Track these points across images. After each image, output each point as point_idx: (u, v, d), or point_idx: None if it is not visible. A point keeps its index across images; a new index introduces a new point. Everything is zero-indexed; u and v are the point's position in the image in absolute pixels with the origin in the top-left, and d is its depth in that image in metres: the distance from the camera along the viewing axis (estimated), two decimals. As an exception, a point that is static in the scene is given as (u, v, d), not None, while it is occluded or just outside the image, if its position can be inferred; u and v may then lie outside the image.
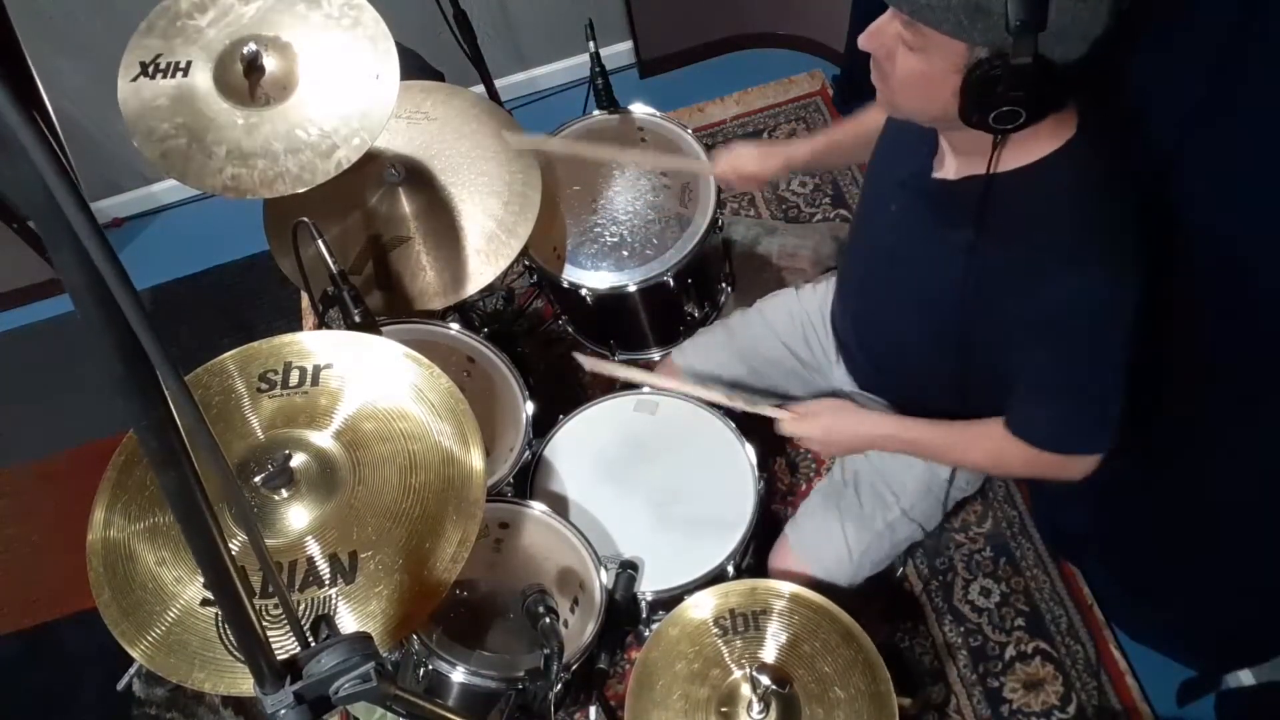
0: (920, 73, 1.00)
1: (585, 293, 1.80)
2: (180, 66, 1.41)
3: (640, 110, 1.96)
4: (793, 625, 1.33)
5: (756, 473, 1.55)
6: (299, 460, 1.09)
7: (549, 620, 1.25)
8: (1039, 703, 1.80)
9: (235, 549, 0.98)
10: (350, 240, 1.68)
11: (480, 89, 2.21)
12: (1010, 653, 1.86)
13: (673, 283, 1.79)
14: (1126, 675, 1.81)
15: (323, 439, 1.13)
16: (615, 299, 1.82)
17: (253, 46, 1.40)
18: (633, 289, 1.79)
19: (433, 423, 1.15)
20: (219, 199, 1.37)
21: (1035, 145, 1.05)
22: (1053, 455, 1.21)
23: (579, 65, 2.85)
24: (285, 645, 0.76)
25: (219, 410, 1.17)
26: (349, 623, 0.99)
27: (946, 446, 1.34)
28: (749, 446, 1.59)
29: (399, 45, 1.45)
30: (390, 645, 1.11)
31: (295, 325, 2.56)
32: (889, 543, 1.51)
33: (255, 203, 1.56)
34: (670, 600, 1.45)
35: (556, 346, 2.31)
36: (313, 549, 1.04)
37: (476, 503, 1.10)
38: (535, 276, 2.00)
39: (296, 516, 1.06)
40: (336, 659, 0.69)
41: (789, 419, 1.41)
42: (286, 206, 1.57)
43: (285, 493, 1.07)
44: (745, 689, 1.25)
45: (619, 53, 2.89)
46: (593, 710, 1.61)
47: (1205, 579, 1.55)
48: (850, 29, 1.42)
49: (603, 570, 1.43)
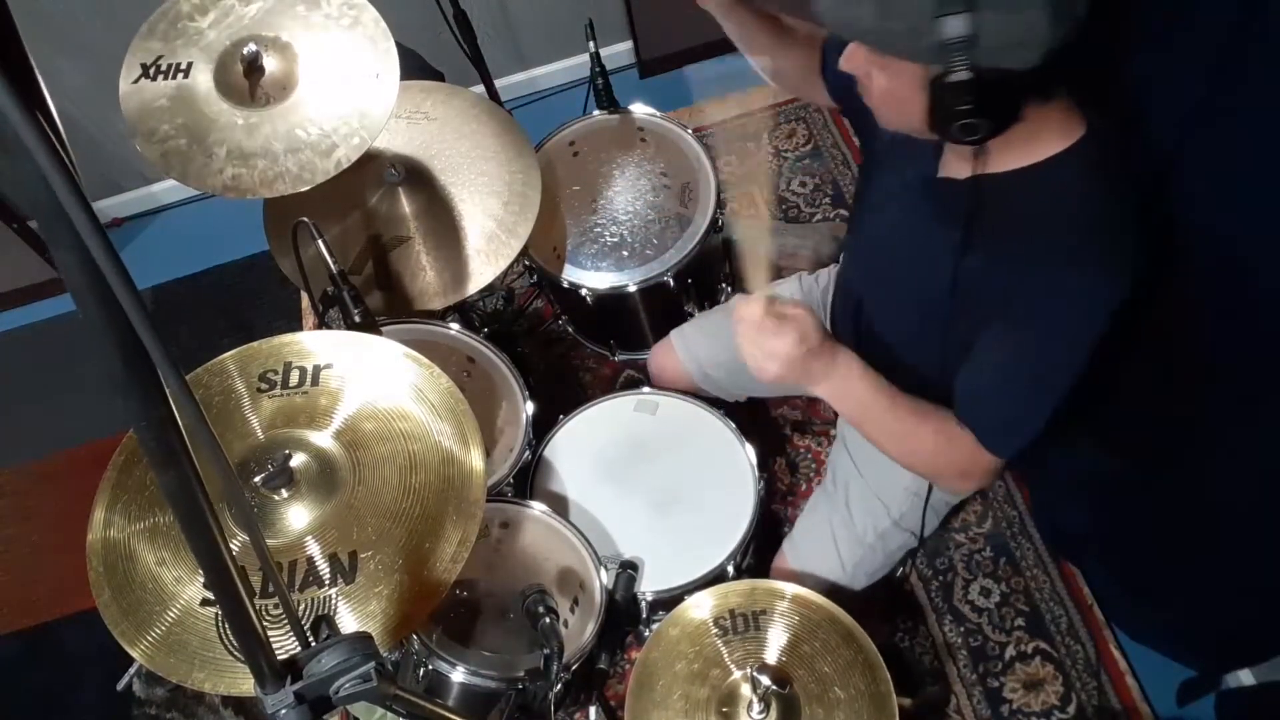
0: (891, 91, 1.03)
1: (585, 293, 1.80)
2: (181, 68, 1.41)
3: (640, 110, 1.96)
4: (793, 625, 1.33)
5: (756, 473, 1.56)
6: (299, 460, 1.09)
7: (549, 620, 1.25)
8: (1039, 703, 1.80)
9: (236, 549, 0.98)
10: (350, 240, 1.68)
11: (480, 89, 2.21)
12: (1010, 653, 1.86)
13: (673, 283, 1.79)
14: (1126, 675, 1.81)
15: (323, 439, 1.13)
16: (615, 299, 1.82)
17: (253, 47, 1.40)
18: (633, 289, 1.79)
19: (432, 423, 1.15)
20: (219, 199, 1.37)
21: (1041, 145, 1.05)
22: (995, 461, 1.18)
23: (579, 65, 2.85)
24: (286, 645, 0.77)
25: (219, 410, 1.17)
26: (349, 623, 0.99)
27: (891, 424, 1.22)
28: (749, 446, 1.59)
29: (399, 45, 1.45)
30: (390, 645, 1.11)
31: (295, 325, 2.56)
32: (882, 554, 1.52)
33: (255, 203, 1.56)
34: (670, 600, 1.45)
35: (556, 346, 2.31)
36: (312, 549, 1.04)
37: (476, 503, 1.10)
38: (535, 276, 2.00)
39: (296, 516, 1.07)
40: (337, 659, 0.69)
41: (772, 315, 1.14)
42: (286, 206, 1.57)
43: (285, 493, 1.07)
44: (745, 689, 1.25)
45: (619, 53, 2.89)
46: (593, 710, 1.61)
47: (1205, 579, 1.55)
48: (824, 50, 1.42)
49: (603, 570, 1.43)
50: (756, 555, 1.58)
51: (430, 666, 1.33)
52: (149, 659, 0.97)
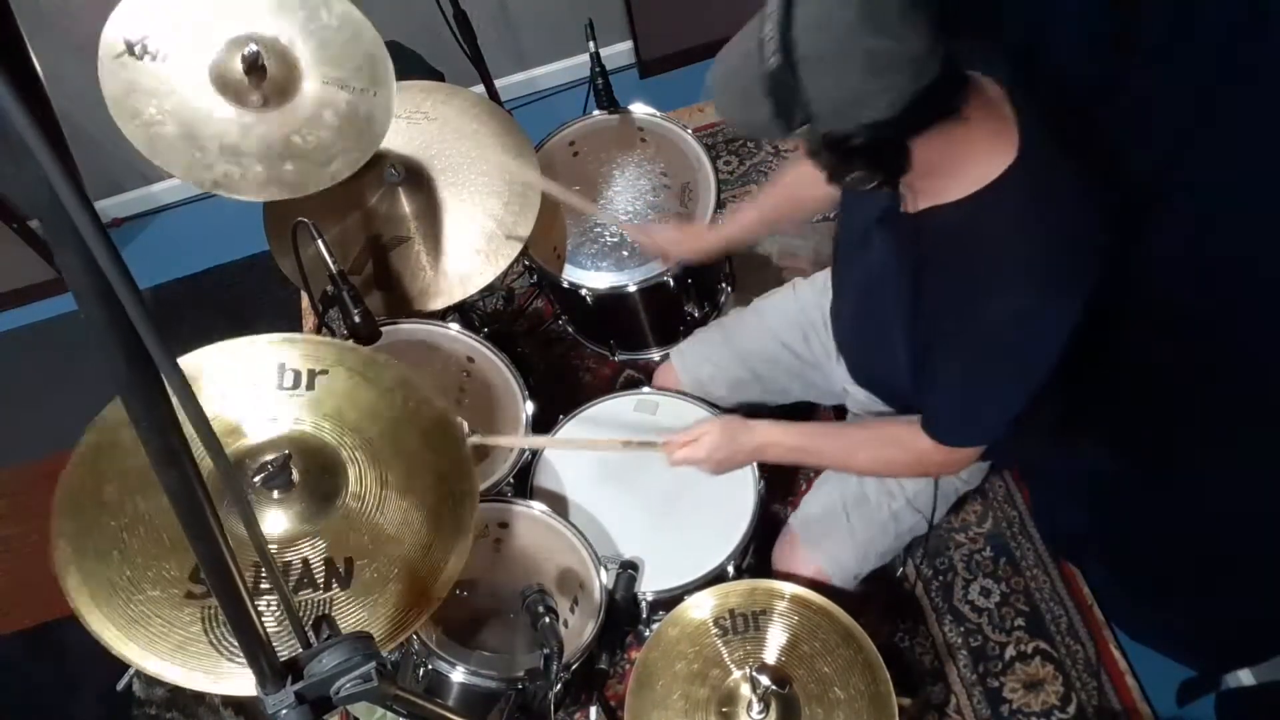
0: (804, 161, 1.14)
1: (585, 293, 1.80)
2: (169, 51, 1.37)
3: (640, 110, 1.96)
4: (793, 625, 1.33)
5: (756, 473, 1.56)
6: (299, 461, 1.09)
7: (549, 620, 1.25)
8: (1039, 703, 1.80)
9: (236, 549, 0.98)
10: (350, 240, 1.68)
11: (480, 89, 2.21)
12: (1010, 653, 1.86)
13: (673, 283, 1.79)
14: (1126, 675, 1.81)
15: (322, 440, 1.13)
16: (615, 299, 1.82)
17: (253, 47, 1.39)
18: (633, 289, 1.79)
19: (432, 420, 1.15)
20: (219, 199, 1.37)
21: (973, 175, 1.10)
22: (947, 451, 1.29)
23: (579, 65, 2.85)
24: (287, 645, 0.77)
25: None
26: (352, 620, 0.99)
27: (834, 452, 1.43)
28: (749, 446, 1.59)
29: (399, 45, 1.45)
30: (393, 644, 1.11)
31: (295, 325, 2.56)
32: (893, 534, 1.52)
33: (255, 203, 1.56)
34: (670, 600, 1.45)
35: (556, 346, 2.31)
36: (308, 551, 1.04)
37: (472, 509, 1.10)
38: (535, 276, 2.00)
39: (295, 519, 1.06)
40: (338, 659, 0.69)
41: (675, 448, 1.43)
42: (286, 206, 1.56)
43: (281, 494, 1.07)
44: (745, 689, 1.25)
45: (619, 53, 2.89)
46: (593, 710, 1.61)
47: (1205, 579, 1.55)
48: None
49: (603, 570, 1.43)
50: (756, 555, 1.58)
51: (430, 666, 1.33)
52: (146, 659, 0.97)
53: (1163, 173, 1.22)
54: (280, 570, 1.02)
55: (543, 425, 1.66)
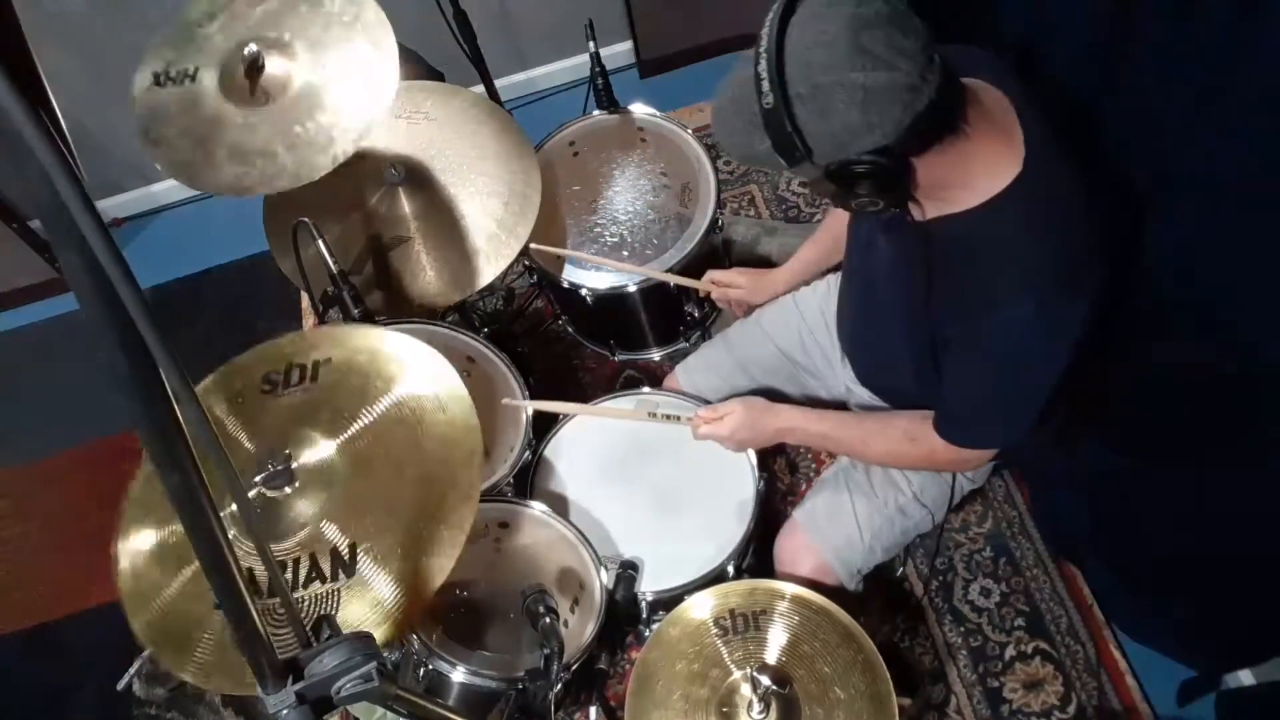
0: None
1: (585, 293, 1.80)
2: (189, 74, 1.43)
3: (640, 110, 1.96)
4: (793, 625, 1.33)
5: (756, 473, 1.56)
6: (299, 459, 1.10)
7: (549, 620, 1.25)
8: (1039, 703, 1.80)
9: (237, 549, 0.99)
10: (350, 240, 1.69)
11: (480, 89, 2.21)
12: (1010, 653, 1.86)
13: (672, 284, 1.79)
14: (1126, 675, 1.81)
15: (322, 435, 1.13)
16: (615, 299, 1.82)
17: (254, 48, 1.40)
18: (633, 289, 1.79)
19: (433, 413, 1.15)
20: (219, 199, 1.38)
21: (980, 186, 1.11)
22: (957, 450, 1.31)
23: (579, 65, 2.85)
24: (288, 645, 0.77)
25: (220, 411, 1.17)
26: (352, 614, 1.00)
27: (851, 440, 1.44)
28: (749, 446, 1.59)
29: (399, 45, 1.45)
30: (391, 640, 1.11)
31: (295, 325, 2.56)
32: (899, 528, 1.52)
33: (255, 203, 1.57)
34: (670, 600, 1.45)
35: (556, 346, 2.31)
36: (315, 545, 1.04)
37: (472, 485, 1.11)
38: (535, 276, 2.00)
39: (298, 514, 1.07)
40: (338, 659, 0.69)
41: (699, 423, 1.47)
42: (286, 206, 1.57)
43: (287, 490, 1.07)
44: (745, 689, 1.25)
45: (619, 53, 2.89)
46: (593, 710, 1.61)
47: (1205, 579, 1.55)
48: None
49: (603, 570, 1.43)
50: (756, 555, 1.58)
51: (430, 666, 1.33)
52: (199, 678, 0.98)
53: (1162, 171, 1.22)
54: (280, 569, 1.02)
55: (543, 425, 1.66)
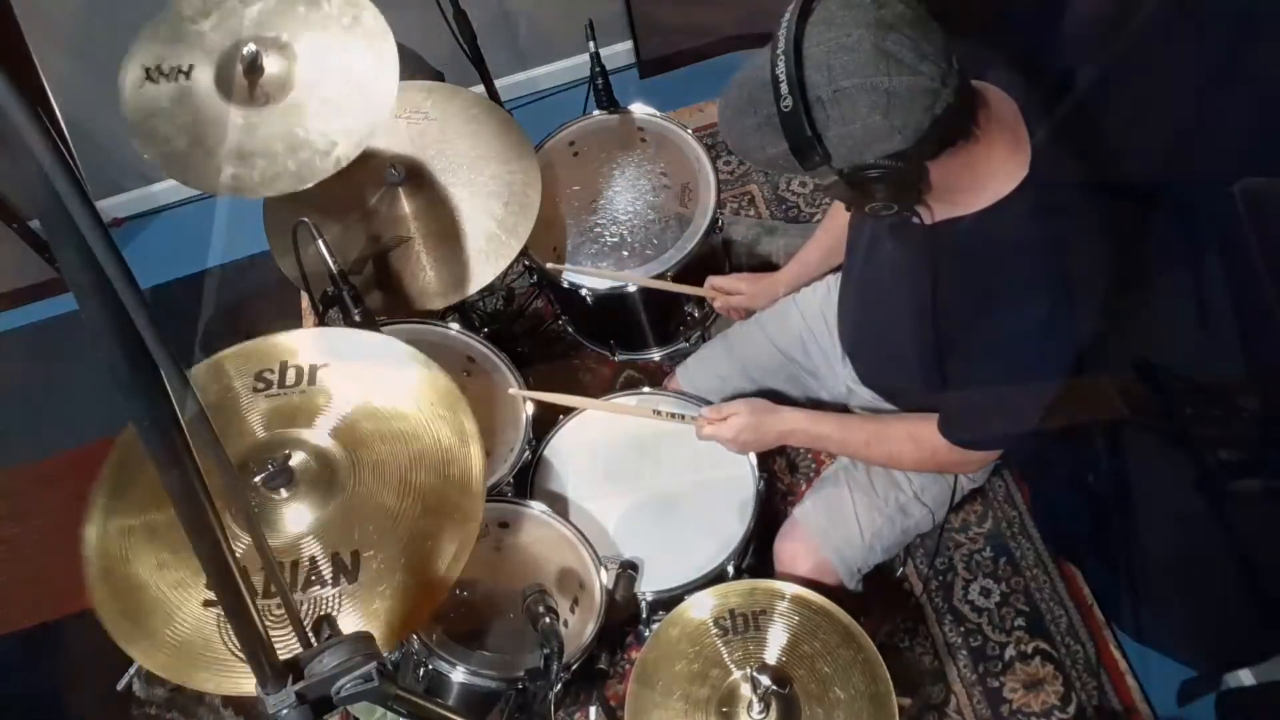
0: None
1: (585, 293, 1.80)
2: (182, 70, 1.42)
3: (640, 110, 1.96)
4: (793, 625, 1.33)
5: (756, 473, 1.56)
6: (299, 460, 1.09)
7: (549, 620, 1.25)
8: (1039, 703, 1.80)
9: (238, 549, 0.98)
10: (350, 240, 1.68)
11: (480, 89, 2.21)
12: (1010, 653, 1.86)
13: (674, 291, 1.79)
14: (1126, 675, 1.81)
15: (322, 438, 1.13)
16: (615, 299, 1.82)
17: (252, 48, 1.40)
18: (632, 289, 1.79)
19: (431, 420, 1.15)
20: (219, 199, 1.37)
21: (988, 189, 1.11)
22: (961, 451, 1.31)
23: (579, 65, 2.85)
24: (288, 645, 0.77)
25: (216, 410, 1.17)
26: (353, 621, 0.99)
27: (855, 443, 1.44)
28: (749, 446, 1.59)
29: (399, 45, 1.45)
30: (394, 644, 1.11)
31: (295, 325, 2.56)
32: (900, 527, 1.52)
33: (255, 203, 1.56)
34: (670, 600, 1.45)
35: (556, 346, 2.31)
36: (314, 548, 1.04)
37: (477, 496, 1.10)
38: (535, 276, 2.00)
39: (297, 516, 1.07)
40: (338, 659, 0.69)
41: (703, 424, 1.47)
42: (286, 206, 1.57)
43: (285, 492, 1.07)
44: (745, 689, 1.25)
45: (619, 53, 2.89)
46: (593, 710, 1.61)
47: (1206, 579, 1.55)
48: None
49: (603, 570, 1.43)
50: (756, 555, 1.58)
51: (430, 666, 1.33)
52: (151, 662, 0.97)
53: (1163, 169, 1.22)
54: (280, 570, 1.02)
55: (543, 425, 1.66)
